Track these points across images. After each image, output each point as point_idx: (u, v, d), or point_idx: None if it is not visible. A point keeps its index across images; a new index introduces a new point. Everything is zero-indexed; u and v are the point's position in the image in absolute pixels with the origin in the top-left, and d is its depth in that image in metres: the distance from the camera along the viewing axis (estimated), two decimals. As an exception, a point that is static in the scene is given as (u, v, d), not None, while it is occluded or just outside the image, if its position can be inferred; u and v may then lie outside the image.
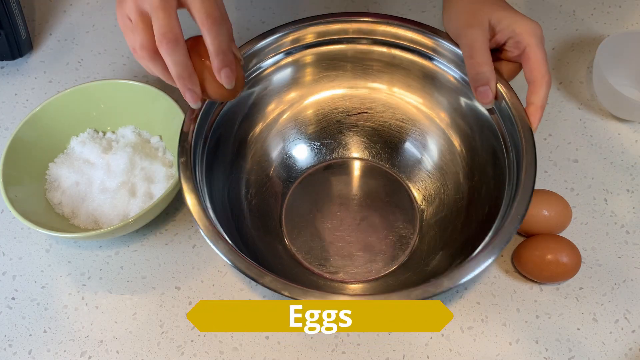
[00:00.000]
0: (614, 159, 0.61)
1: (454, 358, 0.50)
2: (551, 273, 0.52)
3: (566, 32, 0.71)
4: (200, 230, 0.45)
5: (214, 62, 0.42)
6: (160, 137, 0.61)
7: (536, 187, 0.58)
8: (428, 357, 0.50)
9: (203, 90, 0.44)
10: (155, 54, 0.41)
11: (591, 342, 0.51)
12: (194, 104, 0.44)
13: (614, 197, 0.59)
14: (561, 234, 0.55)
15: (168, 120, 0.57)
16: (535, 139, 0.61)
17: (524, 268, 0.53)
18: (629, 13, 0.73)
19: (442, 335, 0.51)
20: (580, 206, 0.58)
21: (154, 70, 0.42)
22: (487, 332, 0.51)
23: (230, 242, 0.45)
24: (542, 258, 0.52)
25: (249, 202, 0.56)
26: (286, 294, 0.43)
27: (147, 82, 0.59)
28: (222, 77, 0.43)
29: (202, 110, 0.51)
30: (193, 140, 0.50)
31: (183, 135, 0.50)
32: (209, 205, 0.49)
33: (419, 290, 0.43)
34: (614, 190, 0.59)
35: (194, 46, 0.43)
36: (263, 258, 0.52)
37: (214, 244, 0.45)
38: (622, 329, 0.52)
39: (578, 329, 0.52)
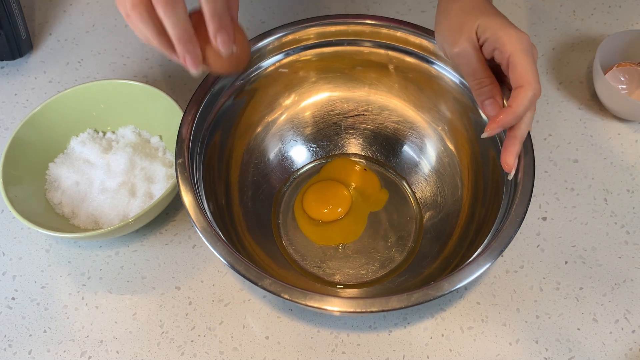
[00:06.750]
0: (614, 159, 0.61)
1: (454, 358, 0.50)
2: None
3: (566, 32, 0.71)
4: (199, 233, 0.45)
5: (209, 25, 0.39)
6: (160, 137, 0.61)
7: (535, 186, 0.58)
8: (428, 357, 0.50)
9: (205, 61, 0.41)
10: (150, 14, 0.37)
11: (591, 342, 0.51)
12: (194, 70, 0.41)
13: (614, 197, 0.59)
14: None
15: (168, 120, 0.57)
16: (536, 139, 0.62)
17: None
18: (629, 13, 0.73)
19: (442, 335, 0.51)
20: (580, 206, 0.58)
21: (148, 33, 0.38)
22: (487, 332, 0.51)
23: (228, 244, 0.45)
24: None
25: (246, 204, 0.56)
26: (286, 296, 0.43)
27: (147, 82, 0.59)
28: (219, 42, 0.40)
29: (199, 111, 0.51)
30: (190, 141, 0.50)
31: (180, 137, 0.50)
32: (206, 206, 0.49)
33: (419, 294, 0.43)
34: (614, 190, 0.59)
35: (197, 22, 0.40)
36: (260, 259, 0.52)
37: (212, 247, 0.45)
38: (622, 329, 0.52)
39: (578, 329, 0.52)
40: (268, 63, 0.56)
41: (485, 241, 0.47)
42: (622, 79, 0.65)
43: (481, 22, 0.45)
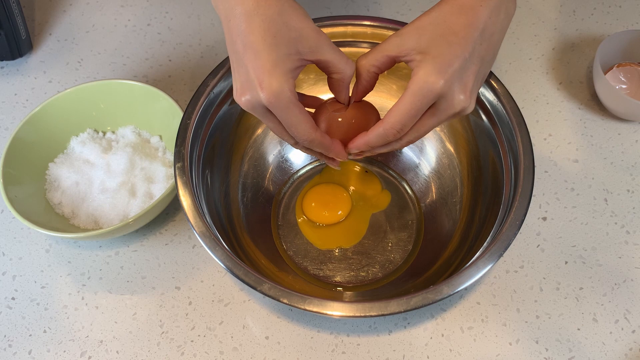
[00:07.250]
0: (614, 159, 0.61)
1: (454, 358, 0.50)
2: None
3: (566, 32, 0.71)
4: (198, 237, 0.45)
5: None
6: (160, 137, 0.61)
7: (535, 186, 0.58)
8: (428, 357, 0.50)
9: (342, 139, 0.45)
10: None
11: (591, 342, 0.51)
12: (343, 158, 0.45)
13: (614, 197, 0.59)
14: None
15: (168, 120, 0.57)
16: (535, 139, 0.62)
17: None
18: (629, 13, 0.73)
19: (442, 335, 0.51)
20: (580, 206, 0.58)
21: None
22: (487, 332, 0.51)
23: (227, 247, 0.45)
24: None
25: (245, 206, 0.56)
26: (285, 301, 0.43)
27: (147, 82, 0.59)
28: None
29: (198, 114, 0.51)
30: (189, 145, 0.50)
31: (179, 140, 0.50)
32: (205, 210, 0.49)
33: (418, 297, 0.43)
34: (614, 190, 0.59)
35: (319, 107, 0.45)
36: (259, 261, 0.52)
37: (211, 251, 0.45)
38: (622, 329, 0.52)
39: (578, 329, 0.52)
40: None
41: (485, 243, 0.47)
42: (622, 79, 0.65)
43: (426, 42, 0.39)
